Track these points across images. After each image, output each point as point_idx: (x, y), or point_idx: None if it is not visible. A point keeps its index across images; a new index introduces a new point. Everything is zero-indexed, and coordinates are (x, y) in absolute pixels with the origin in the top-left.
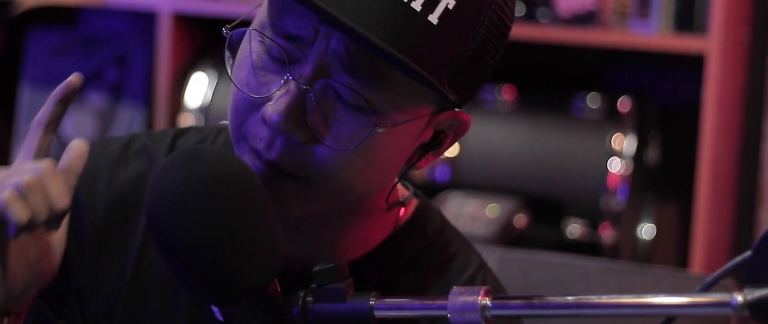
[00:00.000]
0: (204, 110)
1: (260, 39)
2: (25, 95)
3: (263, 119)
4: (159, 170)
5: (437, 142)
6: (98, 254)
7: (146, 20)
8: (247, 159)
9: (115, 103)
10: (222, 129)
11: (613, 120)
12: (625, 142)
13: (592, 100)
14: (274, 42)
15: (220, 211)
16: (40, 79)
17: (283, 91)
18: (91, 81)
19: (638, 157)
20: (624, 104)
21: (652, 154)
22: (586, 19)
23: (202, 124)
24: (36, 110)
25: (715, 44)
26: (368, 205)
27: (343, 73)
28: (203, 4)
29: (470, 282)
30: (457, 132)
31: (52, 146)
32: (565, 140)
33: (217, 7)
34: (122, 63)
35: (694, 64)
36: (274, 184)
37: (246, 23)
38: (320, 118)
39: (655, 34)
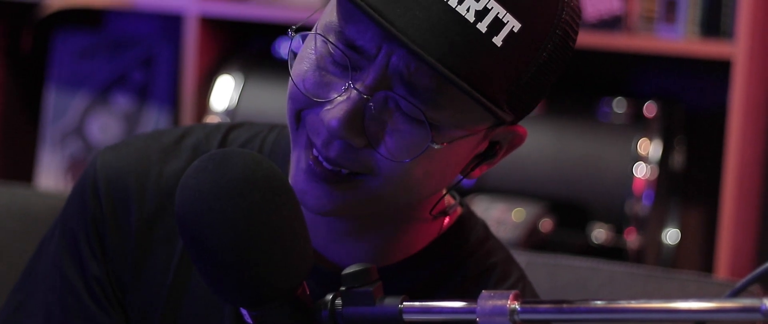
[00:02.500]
0: (230, 113)
1: (324, 41)
2: (51, 97)
3: (321, 121)
4: (189, 172)
5: (492, 153)
6: (144, 246)
7: (172, 23)
8: (303, 154)
9: (141, 105)
10: (274, 126)
11: (639, 125)
12: (650, 147)
13: (618, 105)
14: (338, 48)
15: (249, 214)
16: (66, 81)
17: (343, 97)
18: (117, 83)
19: (664, 162)
20: (650, 109)
21: (678, 159)
22: (612, 23)
23: None
24: (62, 112)
25: (741, 49)
26: (415, 212)
27: (403, 88)
28: (230, 7)
29: None
30: (512, 143)
31: (78, 148)
32: (591, 145)
33: (244, 10)
34: (148, 65)
35: (721, 68)
36: (325, 183)
37: (308, 27)
38: (378, 127)
39: (682, 38)
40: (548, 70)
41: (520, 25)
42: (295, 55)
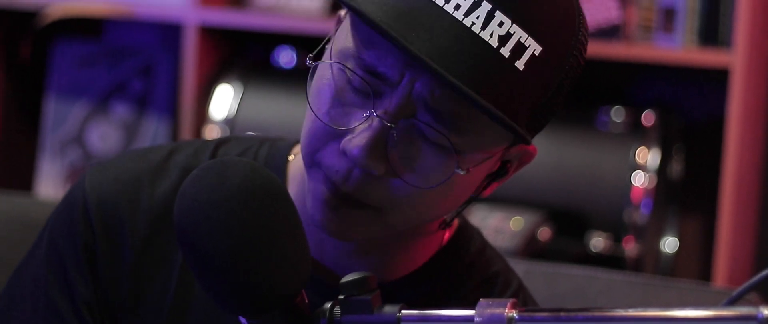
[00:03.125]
0: (229, 122)
1: (342, 68)
2: (51, 106)
3: (342, 151)
4: (188, 182)
5: (503, 171)
6: (141, 269)
7: (172, 32)
8: (320, 186)
9: (140, 114)
10: (264, 140)
11: (637, 133)
12: (649, 156)
13: (617, 114)
14: (358, 76)
15: (248, 223)
16: (65, 90)
17: (365, 125)
18: (116, 92)
19: (662, 171)
20: (648, 118)
21: (676, 168)
22: (610, 32)
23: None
24: (61, 121)
25: (739, 58)
26: (422, 227)
27: (428, 114)
28: (229, 16)
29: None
30: (522, 161)
31: (78, 157)
32: (590, 153)
33: (243, 19)
34: (147, 75)
35: (719, 77)
36: (343, 210)
37: (321, 52)
38: (402, 154)
39: (680, 47)
40: (564, 90)
41: (541, 49)
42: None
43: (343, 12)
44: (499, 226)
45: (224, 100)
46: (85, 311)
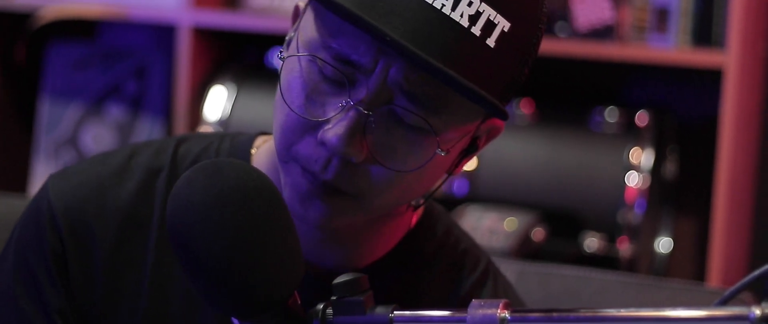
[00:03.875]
0: (223, 123)
1: (312, 60)
2: (45, 108)
3: (320, 141)
4: (181, 183)
5: (473, 148)
6: (112, 273)
7: (166, 34)
8: (298, 179)
9: (134, 116)
10: (225, 136)
11: (631, 134)
12: (642, 156)
13: (610, 114)
14: (331, 66)
15: (242, 225)
16: (59, 92)
17: (342, 114)
18: (110, 94)
19: (656, 171)
20: (642, 118)
21: (670, 168)
22: (604, 33)
23: None
24: (55, 123)
25: (733, 58)
26: (394, 210)
27: (405, 98)
28: (222, 17)
29: (482, 279)
30: (490, 135)
31: (72, 159)
32: (583, 154)
33: (237, 20)
34: (141, 76)
35: (712, 78)
36: (325, 199)
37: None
38: (380, 141)
39: (673, 48)
40: (529, 63)
41: (509, 25)
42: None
43: (301, 3)
44: (493, 226)
45: (218, 102)
46: (58, 320)
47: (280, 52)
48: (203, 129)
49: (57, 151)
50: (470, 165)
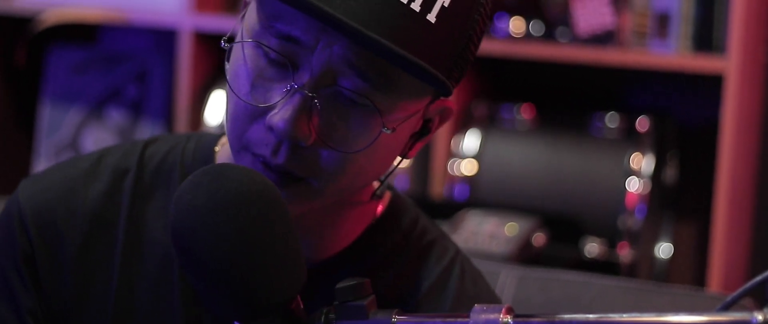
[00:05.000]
0: (224, 127)
1: (256, 47)
2: (46, 112)
3: (268, 126)
4: (184, 187)
5: (426, 130)
6: (81, 273)
7: (166, 38)
8: (251, 167)
9: (134, 120)
10: (191, 136)
11: (631, 139)
12: (643, 162)
13: (611, 120)
14: (274, 51)
15: (245, 229)
16: (60, 95)
17: (287, 98)
18: (111, 98)
19: (656, 177)
20: (642, 124)
21: (671, 174)
22: (605, 38)
23: None
24: (56, 127)
25: (733, 64)
26: (352, 199)
27: (348, 77)
28: (223, 22)
29: (449, 268)
30: (443, 117)
31: None
32: (584, 159)
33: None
34: (142, 80)
35: (713, 83)
36: (282, 185)
37: (233, 37)
38: (326, 122)
39: (674, 53)
40: (474, 41)
41: (449, 0)
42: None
43: None
44: (494, 231)
45: (219, 106)
46: (30, 320)
47: (223, 40)
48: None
49: (57, 154)
50: (470, 170)
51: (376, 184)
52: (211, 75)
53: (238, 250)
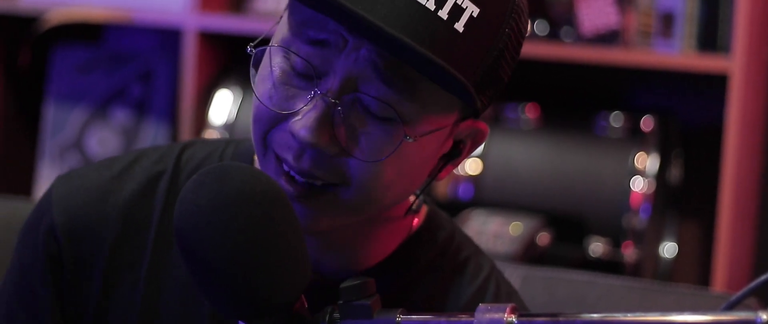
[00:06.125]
0: (228, 127)
1: (284, 54)
2: (50, 112)
3: (290, 132)
4: (187, 187)
5: (457, 152)
6: (111, 274)
7: (171, 38)
8: (275, 173)
9: (139, 119)
10: (229, 142)
11: (636, 139)
12: (647, 161)
13: (616, 119)
14: (299, 56)
15: (249, 229)
16: (64, 95)
17: (310, 106)
18: (116, 98)
19: (661, 176)
20: (647, 123)
21: (675, 173)
22: (609, 38)
23: None
24: (60, 127)
25: (738, 64)
26: (386, 214)
27: (372, 84)
28: (228, 21)
29: (483, 287)
30: (475, 141)
31: (77, 162)
32: (588, 159)
33: (242, 24)
34: (147, 80)
35: (718, 83)
36: (304, 200)
37: (268, 40)
38: (349, 130)
39: (679, 53)
40: (506, 58)
41: (478, 10)
42: (256, 72)
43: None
44: (499, 231)
45: (223, 106)
46: (48, 319)
47: (250, 45)
48: (208, 133)
49: (62, 154)
50: (475, 169)
51: (411, 198)
52: (216, 75)
53: (241, 250)
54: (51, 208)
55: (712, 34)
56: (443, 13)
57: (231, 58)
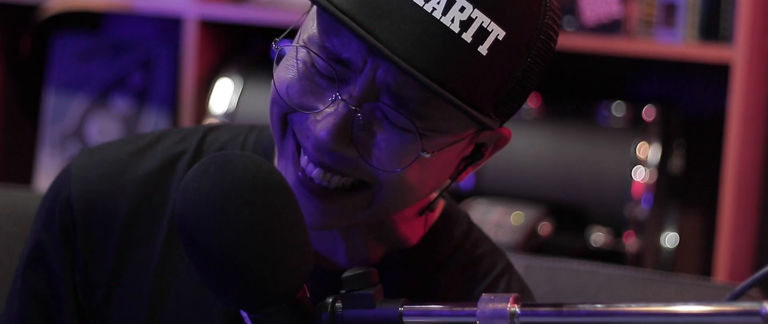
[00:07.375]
0: (229, 116)
1: (309, 53)
2: (51, 100)
3: (309, 132)
4: (190, 175)
5: (479, 155)
6: (123, 250)
7: (172, 26)
8: (292, 163)
9: (140, 108)
10: (253, 128)
11: (637, 128)
12: (649, 151)
13: (617, 109)
14: (324, 61)
15: (251, 217)
16: (65, 84)
17: (331, 109)
18: (116, 86)
19: (663, 166)
20: (649, 113)
21: (677, 163)
22: (611, 27)
23: None
24: (61, 115)
25: (740, 53)
26: (403, 213)
27: (391, 99)
28: (229, 10)
29: (495, 283)
30: (497, 145)
31: (78, 151)
32: (590, 148)
33: (243, 13)
34: (147, 68)
35: (720, 73)
36: (317, 195)
37: (294, 32)
38: (368, 137)
39: (681, 42)
40: (532, 74)
41: (504, 33)
42: (280, 59)
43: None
44: (500, 220)
45: (224, 94)
46: (68, 294)
47: (276, 40)
48: (209, 121)
49: (62, 142)
50: None
51: (433, 195)
52: (217, 63)
53: (243, 238)
54: (69, 180)
55: (714, 24)
56: (467, 37)
57: (232, 47)
